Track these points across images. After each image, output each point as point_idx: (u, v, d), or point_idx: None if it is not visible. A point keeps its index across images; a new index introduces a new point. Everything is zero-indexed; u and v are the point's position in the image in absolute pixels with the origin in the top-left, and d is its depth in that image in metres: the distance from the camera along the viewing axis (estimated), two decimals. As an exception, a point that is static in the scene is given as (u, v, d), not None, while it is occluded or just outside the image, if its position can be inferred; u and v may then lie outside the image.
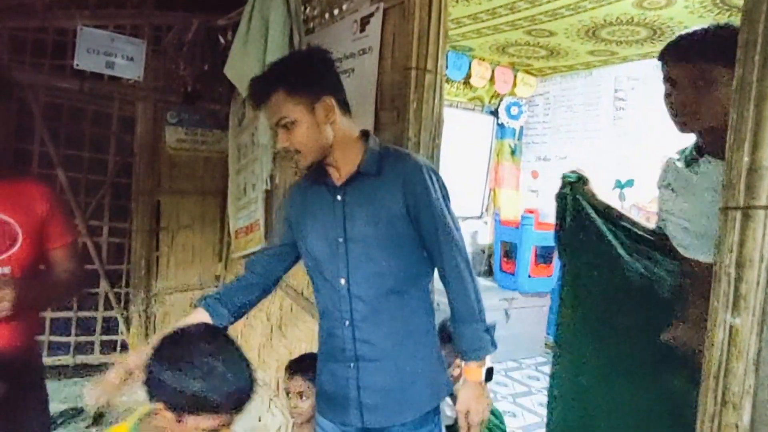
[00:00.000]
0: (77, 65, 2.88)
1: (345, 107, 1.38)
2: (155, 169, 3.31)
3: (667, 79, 1.36)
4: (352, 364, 1.39)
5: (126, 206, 3.28)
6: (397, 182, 1.33)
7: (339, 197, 1.38)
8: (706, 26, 1.30)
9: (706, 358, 1.01)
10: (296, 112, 1.29)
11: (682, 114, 1.34)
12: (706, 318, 0.98)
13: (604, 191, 3.76)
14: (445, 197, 1.38)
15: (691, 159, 1.47)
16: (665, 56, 1.35)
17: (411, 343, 1.39)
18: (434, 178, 1.37)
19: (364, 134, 1.43)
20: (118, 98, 3.15)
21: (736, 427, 0.87)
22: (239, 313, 1.49)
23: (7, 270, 1.37)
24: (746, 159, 0.88)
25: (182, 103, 3.25)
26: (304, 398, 1.67)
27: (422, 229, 1.36)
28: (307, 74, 1.32)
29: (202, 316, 1.41)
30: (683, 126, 1.37)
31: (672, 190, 1.52)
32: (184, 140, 3.34)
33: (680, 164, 1.53)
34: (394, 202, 1.33)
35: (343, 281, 1.38)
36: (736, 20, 3.06)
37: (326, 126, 1.32)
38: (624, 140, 4.36)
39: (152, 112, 3.24)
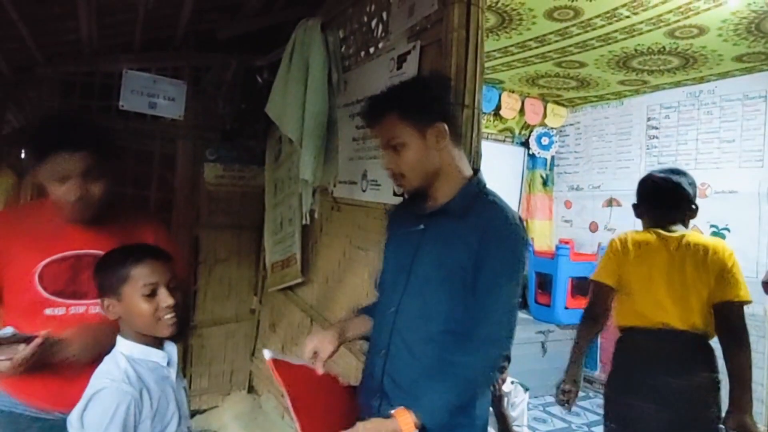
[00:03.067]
0: (122, 106, 3.00)
1: (457, 138, 1.36)
2: (194, 204, 3.38)
3: None
4: (378, 394, 1.37)
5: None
6: (477, 231, 1.25)
7: (421, 227, 1.36)
8: None
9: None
10: (406, 134, 1.30)
11: None
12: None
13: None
14: (518, 272, 1.27)
15: None
16: None
17: None
18: (518, 244, 1.27)
19: (475, 172, 1.40)
20: (159, 137, 3.25)
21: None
22: None
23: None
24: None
25: (221, 141, 3.35)
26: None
27: (477, 285, 1.25)
28: (422, 99, 1.32)
29: (366, 320, 1.51)
30: None
31: None
32: (222, 176, 3.41)
33: None
34: (466, 250, 1.26)
35: (392, 310, 1.36)
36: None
37: (435, 152, 1.31)
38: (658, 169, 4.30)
39: (192, 149, 3.33)
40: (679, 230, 2.03)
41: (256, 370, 3.58)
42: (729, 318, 1.80)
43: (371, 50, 2.28)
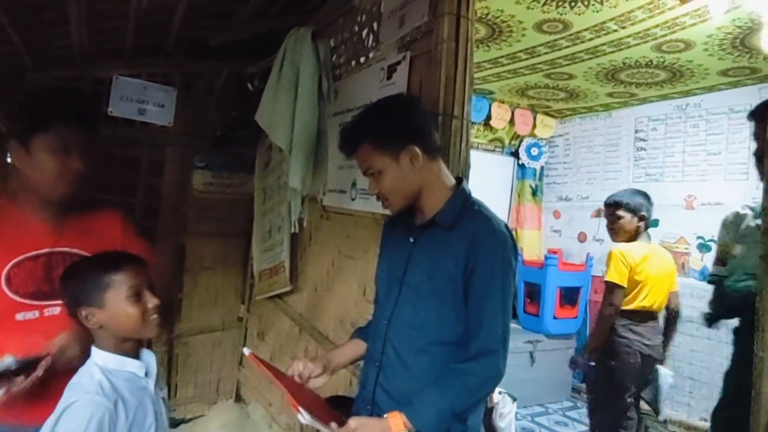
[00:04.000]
0: (111, 112, 2.99)
1: (433, 153, 1.37)
2: (181, 211, 3.36)
3: (754, 135, 1.52)
4: (369, 407, 1.38)
5: (151, 248, 3.31)
6: (465, 242, 1.27)
7: (411, 239, 1.39)
8: None
9: (755, 409, 0.98)
10: (381, 162, 1.32)
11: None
12: None
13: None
14: (508, 278, 1.28)
15: None
16: (755, 115, 1.58)
17: None
18: (505, 252, 1.28)
19: (459, 181, 1.42)
20: (147, 143, 3.23)
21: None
22: None
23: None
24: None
25: (210, 148, 3.33)
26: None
27: (468, 296, 1.27)
28: (390, 125, 1.34)
29: (358, 344, 1.52)
30: None
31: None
32: (211, 183, 3.40)
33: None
34: (455, 261, 1.27)
35: (385, 322, 1.38)
36: (755, 62, 3.10)
37: (412, 174, 1.32)
38: (646, 180, 4.35)
39: (180, 156, 3.30)
40: (652, 243, 2.94)
41: (244, 379, 3.55)
42: (674, 300, 2.97)
43: (362, 60, 2.29)
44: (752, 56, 3.13)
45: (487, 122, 4.67)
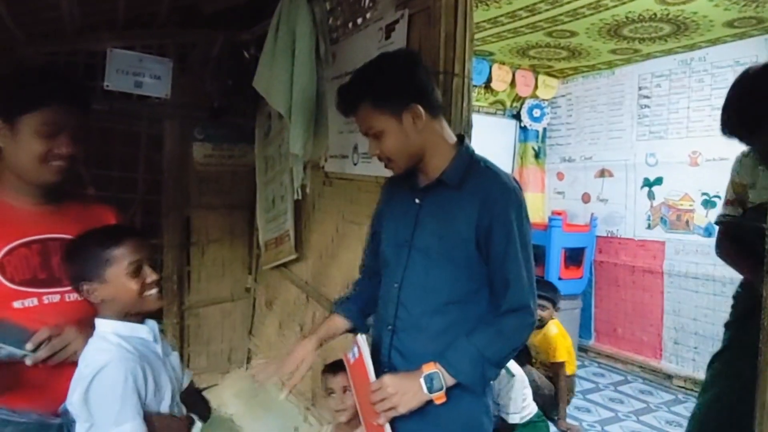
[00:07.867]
0: (107, 86, 2.94)
1: (435, 111, 1.34)
2: (184, 185, 3.35)
3: None
4: (386, 370, 1.38)
5: (157, 223, 3.33)
6: (476, 200, 1.26)
7: (417, 201, 1.37)
8: None
9: (762, 351, 0.98)
10: (383, 122, 1.28)
11: None
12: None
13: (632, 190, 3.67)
14: (526, 232, 1.29)
15: None
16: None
17: None
18: (519, 207, 1.28)
19: (460, 139, 1.39)
20: (146, 117, 3.19)
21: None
22: (370, 308, 1.54)
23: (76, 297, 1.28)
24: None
25: (208, 119, 3.30)
26: (348, 393, 1.67)
27: (490, 256, 1.27)
28: (392, 83, 1.29)
29: (338, 321, 1.52)
30: None
31: None
32: (212, 155, 3.38)
33: None
34: (466, 221, 1.27)
35: (396, 286, 1.37)
36: (761, 11, 2.99)
37: (415, 133, 1.29)
38: (650, 138, 4.30)
39: (179, 129, 3.28)
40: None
41: (255, 347, 3.60)
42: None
43: (359, 21, 2.25)
44: (759, 5, 3.05)
45: (487, 85, 4.61)
